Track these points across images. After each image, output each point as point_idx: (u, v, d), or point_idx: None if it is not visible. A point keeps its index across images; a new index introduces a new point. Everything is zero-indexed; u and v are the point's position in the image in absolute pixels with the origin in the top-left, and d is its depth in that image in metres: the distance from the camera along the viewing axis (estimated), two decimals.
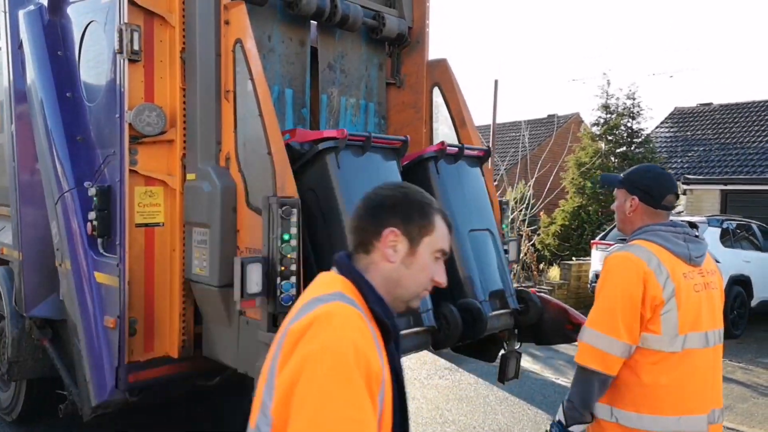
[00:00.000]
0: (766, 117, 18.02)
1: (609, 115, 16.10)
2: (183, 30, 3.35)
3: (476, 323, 3.32)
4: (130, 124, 3.24)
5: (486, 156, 4.04)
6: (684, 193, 16.05)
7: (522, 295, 3.78)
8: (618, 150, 15.82)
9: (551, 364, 6.94)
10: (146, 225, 3.36)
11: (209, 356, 3.38)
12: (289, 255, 2.86)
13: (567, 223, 15.19)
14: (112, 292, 3.35)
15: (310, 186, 3.14)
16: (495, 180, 4.30)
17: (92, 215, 3.45)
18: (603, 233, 10.79)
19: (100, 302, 3.46)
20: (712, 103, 20.53)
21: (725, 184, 15.52)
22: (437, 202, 1.44)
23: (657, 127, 20.39)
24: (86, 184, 3.52)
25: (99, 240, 3.49)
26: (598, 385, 2.12)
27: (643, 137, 16.14)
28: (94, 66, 3.70)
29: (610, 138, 15.92)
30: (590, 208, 15.03)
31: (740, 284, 9.20)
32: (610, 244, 9.86)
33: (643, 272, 2.09)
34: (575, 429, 2.20)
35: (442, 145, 3.65)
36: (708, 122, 19.49)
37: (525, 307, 3.74)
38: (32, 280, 4.06)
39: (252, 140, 3.09)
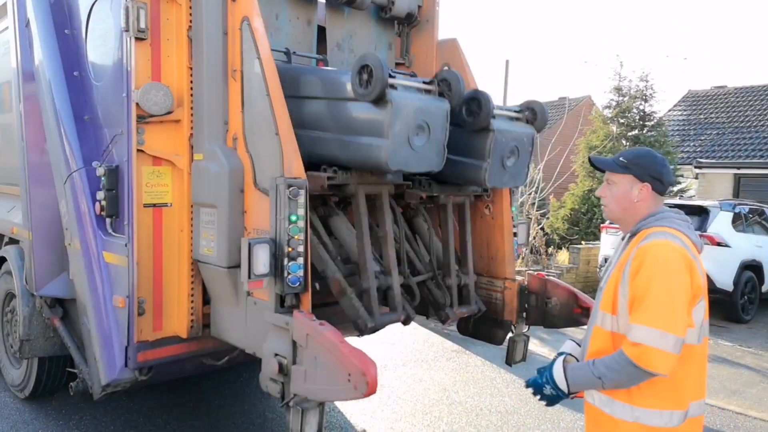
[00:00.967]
0: None
1: (621, 98, 15.90)
2: (189, 8, 3.31)
3: None
4: (137, 104, 3.22)
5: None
6: (696, 177, 15.89)
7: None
8: (630, 133, 15.65)
9: (559, 348, 6.93)
10: (154, 205, 3.36)
11: (217, 336, 3.40)
12: (297, 236, 2.85)
13: (576, 207, 15.11)
14: (121, 272, 3.36)
15: None
16: None
17: (100, 195, 3.45)
18: None
19: (109, 282, 3.47)
20: (727, 86, 20.23)
21: (738, 168, 15.35)
22: None
23: (670, 110, 20.15)
24: (94, 164, 3.52)
25: (107, 220, 3.49)
26: (643, 376, 2.00)
27: (656, 120, 15.94)
28: (101, 45, 3.67)
29: (622, 121, 15.74)
30: None
31: (752, 269, 9.11)
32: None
33: (688, 261, 2.00)
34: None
35: None
36: (722, 105, 19.21)
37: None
38: (42, 260, 4.09)
39: (259, 120, 3.06)
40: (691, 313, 2.00)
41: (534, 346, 6.61)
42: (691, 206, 9.18)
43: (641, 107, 15.79)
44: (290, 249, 2.83)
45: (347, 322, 3.39)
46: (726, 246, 8.77)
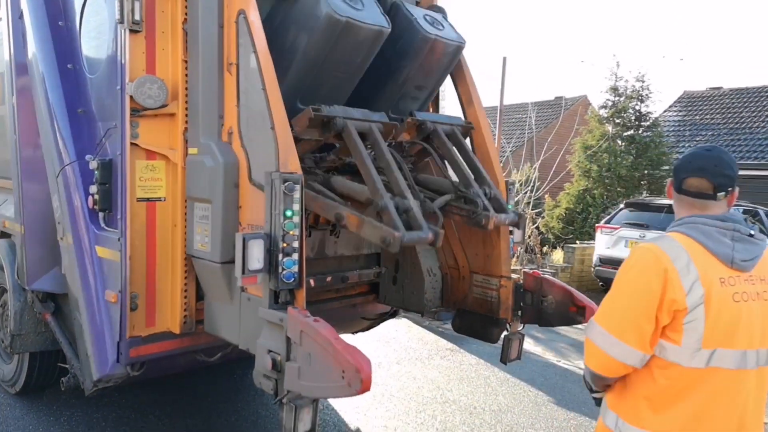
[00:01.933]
0: None
1: (617, 98, 15.92)
2: (185, 0, 3.28)
3: None
4: (131, 97, 3.18)
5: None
6: None
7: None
8: (625, 133, 15.68)
9: (553, 347, 6.94)
10: (147, 199, 3.33)
11: (211, 332, 3.37)
12: (292, 231, 2.83)
13: (572, 207, 15.14)
14: (114, 267, 3.33)
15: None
16: (501, 161, 4.26)
17: (93, 189, 3.41)
18: (608, 217, 10.72)
19: (102, 277, 3.44)
20: (722, 87, 20.31)
21: None
22: None
23: (665, 111, 20.21)
24: (87, 158, 3.48)
25: (100, 214, 3.46)
26: (597, 380, 2.00)
27: (651, 121, 15.97)
28: (95, 37, 3.63)
29: (618, 121, 15.77)
30: (596, 192, 14.94)
31: None
32: (615, 228, 9.80)
33: (665, 270, 1.79)
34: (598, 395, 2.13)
35: None
36: (717, 107, 19.29)
37: None
38: (34, 254, 4.05)
39: (255, 115, 3.03)
40: (676, 329, 1.80)
41: (528, 345, 6.62)
42: None
43: (637, 107, 15.82)
44: (285, 244, 2.81)
45: (342, 320, 3.36)
46: None
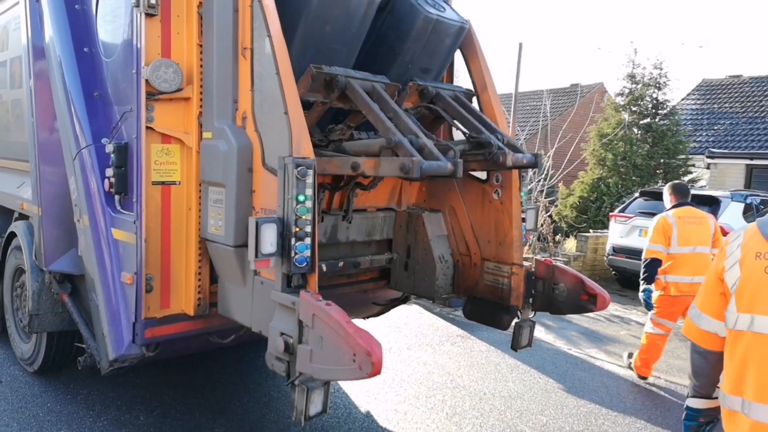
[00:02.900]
0: None
1: (634, 85, 15.70)
2: None
3: None
4: (147, 81, 3.21)
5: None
6: (708, 167, 15.71)
7: None
8: (642, 121, 15.48)
9: (564, 335, 6.94)
10: (163, 183, 3.36)
11: (224, 315, 3.42)
12: (304, 216, 2.84)
13: (585, 195, 15.01)
14: (129, 249, 3.37)
15: None
16: None
17: (109, 172, 3.45)
18: (622, 206, 10.62)
19: (118, 258, 3.49)
20: (742, 75, 19.94)
21: (751, 159, 15.17)
22: None
23: (683, 99, 19.90)
24: (103, 141, 3.52)
25: (116, 197, 3.50)
26: (695, 356, 2.17)
27: (669, 109, 15.74)
28: (111, 20, 3.65)
29: (634, 109, 15.56)
30: (610, 180, 14.79)
31: None
32: (630, 217, 9.70)
33: (723, 244, 2.08)
34: (691, 402, 2.25)
35: None
36: (736, 95, 18.95)
37: None
38: (51, 235, 4.11)
39: (269, 99, 3.04)
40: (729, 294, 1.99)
41: (539, 333, 6.62)
42: (702, 196, 9.10)
43: (654, 95, 15.59)
44: (298, 229, 2.83)
45: (353, 305, 3.38)
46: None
